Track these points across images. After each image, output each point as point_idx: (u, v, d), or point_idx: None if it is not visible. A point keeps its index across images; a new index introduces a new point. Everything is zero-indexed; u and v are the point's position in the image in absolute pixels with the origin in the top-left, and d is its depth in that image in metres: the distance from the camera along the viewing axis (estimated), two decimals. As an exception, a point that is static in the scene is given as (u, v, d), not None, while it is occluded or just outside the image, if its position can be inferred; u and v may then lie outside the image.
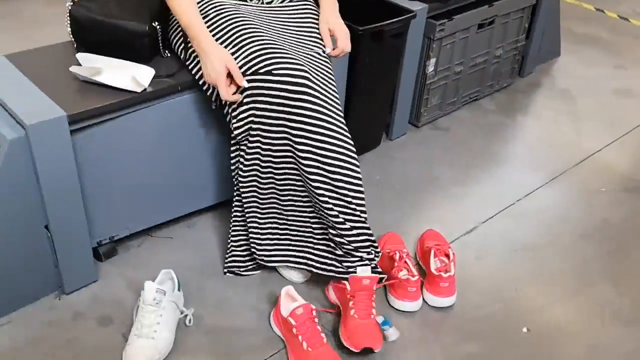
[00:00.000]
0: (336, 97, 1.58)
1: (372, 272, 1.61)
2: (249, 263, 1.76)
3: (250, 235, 1.69)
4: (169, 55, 1.71)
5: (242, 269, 1.77)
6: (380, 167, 2.26)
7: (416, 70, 2.31)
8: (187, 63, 1.64)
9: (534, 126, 2.57)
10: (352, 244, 1.58)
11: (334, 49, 1.67)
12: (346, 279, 1.59)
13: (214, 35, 1.55)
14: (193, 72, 1.62)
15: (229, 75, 1.50)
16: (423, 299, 1.72)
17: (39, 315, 1.63)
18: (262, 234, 1.68)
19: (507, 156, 2.37)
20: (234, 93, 1.52)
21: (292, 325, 1.52)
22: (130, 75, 1.57)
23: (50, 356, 1.53)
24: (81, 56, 1.61)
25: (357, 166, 1.57)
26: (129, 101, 1.53)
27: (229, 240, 1.76)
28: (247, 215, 1.67)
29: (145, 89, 1.56)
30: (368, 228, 1.61)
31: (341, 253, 1.60)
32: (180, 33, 1.65)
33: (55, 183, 1.50)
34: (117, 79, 1.55)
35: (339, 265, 1.61)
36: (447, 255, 1.76)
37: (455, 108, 2.60)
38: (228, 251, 1.79)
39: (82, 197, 1.59)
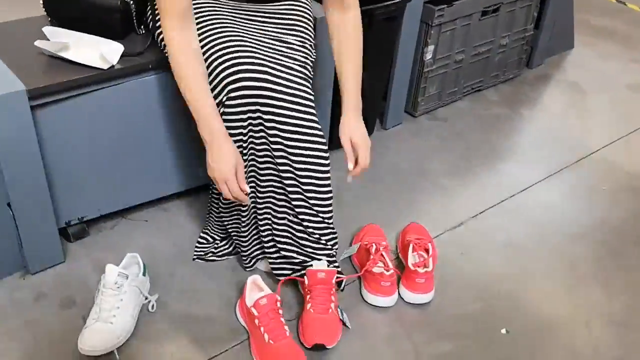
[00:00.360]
0: (304, 91, 1.46)
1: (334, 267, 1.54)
2: (217, 249, 1.71)
3: (235, 239, 1.65)
4: (143, 32, 1.65)
5: (208, 255, 1.71)
6: (372, 157, 2.17)
7: (412, 57, 2.22)
8: (164, 51, 1.51)
9: (538, 119, 2.47)
10: (313, 242, 1.54)
11: (354, 166, 1.51)
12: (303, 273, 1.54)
13: None
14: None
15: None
16: (399, 295, 1.65)
17: (1, 294, 1.59)
18: (244, 236, 1.62)
19: (506, 150, 2.27)
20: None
21: (255, 316, 1.45)
22: (99, 51, 1.51)
23: (8, 337, 1.49)
24: (49, 30, 1.56)
25: (324, 165, 1.50)
26: (93, 78, 1.48)
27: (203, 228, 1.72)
28: (228, 220, 1.63)
29: (112, 66, 1.50)
30: (331, 228, 1.56)
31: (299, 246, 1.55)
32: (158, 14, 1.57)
33: (15, 159, 1.45)
34: (84, 55, 1.50)
35: (297, 257, 1.56)
36: (427, 250, 1.68)
37: (456, 98, 2.50)
38: (199, 237, 1.74)
39: (46, 176, 1.54)
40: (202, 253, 1.73)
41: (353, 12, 1.50)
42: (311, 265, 1.53)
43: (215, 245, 1.73)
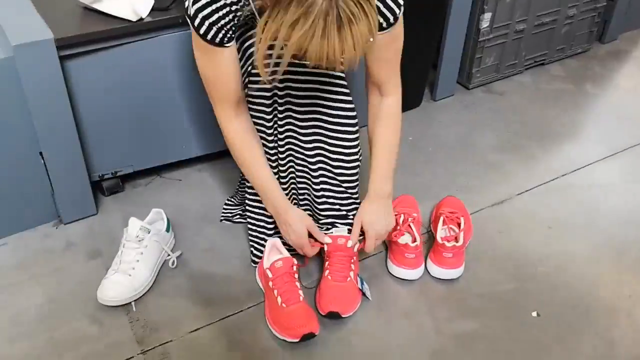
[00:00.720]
0: None
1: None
2: (243, 212, 1.69)
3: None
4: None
5: (236, 217, 1.70)
6: (417, 128, 2.09)
7: (466, 24, 2.11)
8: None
9: (605, 97, 2.29)
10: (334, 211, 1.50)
11: (357, 245, 1.48)
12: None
13: None
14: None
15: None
16: (426, 269, 1.57)
17: (33, 241, 1.64)
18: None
19: (564, 127, 2.12)
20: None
21: (269, 278, 1.43)
22: (130, 4, 1.51)
23: (34, 281, 1.54)
24: (85, -18, 1.57)
25: (352, 132, 1.44)
26: (122, 30, 1.48)
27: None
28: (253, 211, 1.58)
29: (141, 19, 1.50)
30: (354, 199, 1.51)
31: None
32: None
33: (45, 108, 1.48)
34: (116, 7, 1.50)
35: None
36: (459, 225, 1.59)
37: (516, 71, 2.36)
38: (227, 199, 1.73)
39: (77, 127, 1.57)
40: (230, 215, 1.71)
41: (392, 98, 1.42)
42: (331, 232, 1.48)
43: (243, 208, 1.71)
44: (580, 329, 1.44)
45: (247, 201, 1.54)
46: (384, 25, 1.26)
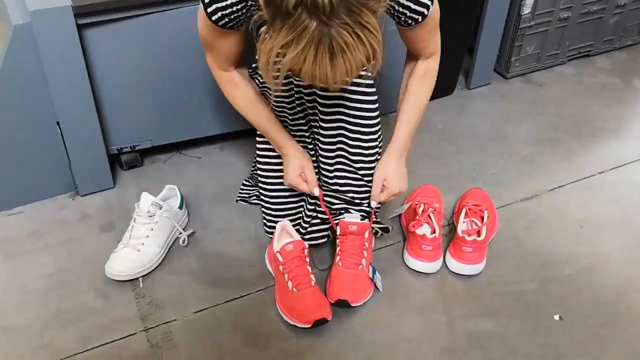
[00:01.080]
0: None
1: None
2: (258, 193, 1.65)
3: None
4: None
5: (252, 198, 1.65)
6: (448, 116, 2.01)
7: (507, 9, 2.00)
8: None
9: (652, 93, 2.16)
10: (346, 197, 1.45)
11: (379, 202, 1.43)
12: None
13: None
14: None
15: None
16: (444, 262, 1.50)
17: (49, 211, 1.64)
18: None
19: (606, 122, 2.01)
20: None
21: (280, 262, 1.38)
22: (153, -26, 1.47)
23: (46, 250, 1.53)
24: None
25: (373, 118, 1.37)
26: (142, 0, 1.44)
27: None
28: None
29: (163, -12, 1.46)
30: (369, 185, 1.44)
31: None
32: None
33: (62, 77, 1.46)
34: (137, -24, 1.47)
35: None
36: (482, 218, 1.52)
37: (558, 62, 2.24)
38: (245, 180, 1.69)
39: (95, 98, 1.55)
40: (246, 195, 1.67)
41: (432, 60, 1.40)
42: (343, 218, 1.42)
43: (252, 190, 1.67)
44: (606, 337, 1.35)
45: (258, 164, 1.52)
46: (419, 20, 1.24)
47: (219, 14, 1.18)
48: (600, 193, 1.73)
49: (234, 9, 1.17)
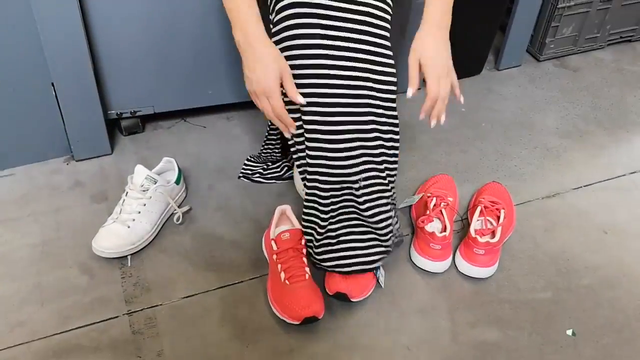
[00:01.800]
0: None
1: None
2: (266, 171, 1.55)
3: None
4: None
5: (255, 175, 1.56)
6: (472, 99, 1.88)
7: (546, -14, 1.85)
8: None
9: (696, 87, 2.00)
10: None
11: (419, 91, 1.17)
12: None
13: None
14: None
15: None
16: (454, 263, 1.40)
17: (41, 175, 1.56)
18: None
19: (643, 117, 1.86)
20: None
21: (274, 250, 1.29)
22: None
23: (33, 218, 1.45)
24: None
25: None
26: (143, -45, 1.32)
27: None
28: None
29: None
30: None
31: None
32: None
33: (57, 36, 1.36)
34: None
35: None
36: (498, 218, 1.40)
37: (597, 46, 2.08)
38: (250, 155, 1.59)
39: (93, 60, 1.44)
40: (249, 172, 1.57)
41: None
42: None
43: (265, 167, 1.57)
44: (621, 358, 1.25)
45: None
46: None
47: None
48: (630, 196, 1.60)
49: None
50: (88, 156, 1.59)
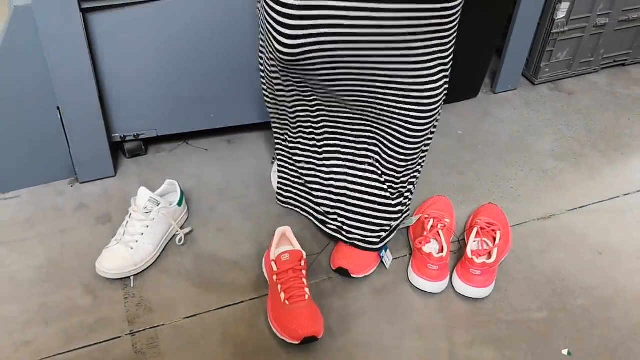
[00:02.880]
0: None
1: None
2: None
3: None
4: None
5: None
6: (469, 121, 1.91)
7: (540, 13, 1.89)
8: None
9: (689, 110, 2.03)
10: None
11: None
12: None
13: None
14: None
15: None
16: (451, 283, 1.42)
17: (46, 197, 1.59)
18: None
19: (636, 139, 1.89)
20: None
21: (274, 271, 1.31)
22: (164, -43, 1.39)
23: (39, 240, 1.48)
24: None
25: None
26: (149, -15, 1.37)
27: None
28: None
29: (172, -25, 1.38)
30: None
31: None
32: None
33: (63, 61, 1.40)
34: (147, -41, 1.39)
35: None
36: (494, 239, 1.43)
37: (591, 70, 2.12)
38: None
39: (98, 85, 1.49)
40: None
41: None
42: None
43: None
44: (615, 377, 1.27)
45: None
46: None
47: None
48: (624, 217, 1.63)
49: None
50: (92, 178, 1.63)
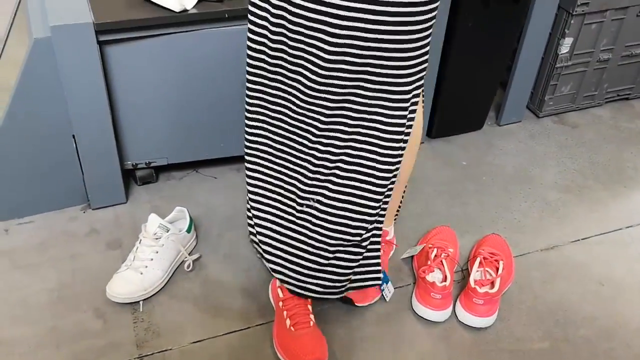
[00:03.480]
0: None
1: None
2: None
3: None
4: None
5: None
6: (473, 153, 1.95)
7: (544, 47, 1.94)
8: None
9: (692, 144, 2.06)
10: None
11: None
12: None
13: None
14: None
15: None
16: (454, 312, 1.44)
17: (59, 223, 1.63)
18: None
19: (639, 172, 1.92)
20: None
21: (280, 298, 1.34)
22: (178, -6, 1.45)
23: (51, 264, 1.52)
24: (136, -33, 1.53)
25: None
26: (164, 20, 1.42)
27: None
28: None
29: (185, 10, 1.43)
30: None
31: None
32: None
33: (80, 92, 1.45)
34: (162, -5, 1.45)
35: None
36: (497, 269, 1.45)
37: (595, 104, 2.16)
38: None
39: (112, 114, 1.54)
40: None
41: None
42: None
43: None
44: (617, 408, 1.28)
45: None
46: None
47: None
48: (626, 250, 1.64)
49: None
50: (104, 205, 1.67)
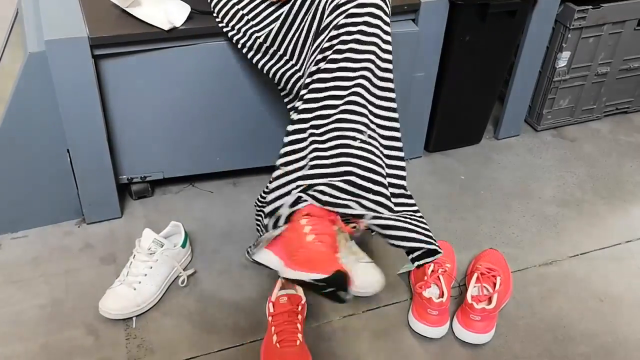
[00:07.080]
0: None
1: None
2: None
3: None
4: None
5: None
6: (471, 167, 1.94)
7: (541, 61, 1.93)
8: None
9: (692, 158, 2.05)
10: None
11: None
12: None
13: None
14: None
15: None
16: (451, 328, 1.43)
17: (53, 238, 1.62)
18: None
19: (638, 186, 1.90)
20: None
21: (270, 312, 1.33)
22: (166, 13, 1.44)
23: (44, 279, 1.50)
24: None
25: None
26: (156, 35, 1.42)
27: None
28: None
29: (174, 28, 1.43)
30: None
31: None
32: None
33: (74, 106, 1.45)
34: (151, 14, 1.44)
35: None
36: (495, 285, 1.44)
37: (593, 117, 2.15)
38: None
39: (107, 128, 1.53)
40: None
41: None
42: None
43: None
44: None
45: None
46: None
47: None
48: (626, 265, 1.63)
49: None
50: (99, 219, 1.66)
